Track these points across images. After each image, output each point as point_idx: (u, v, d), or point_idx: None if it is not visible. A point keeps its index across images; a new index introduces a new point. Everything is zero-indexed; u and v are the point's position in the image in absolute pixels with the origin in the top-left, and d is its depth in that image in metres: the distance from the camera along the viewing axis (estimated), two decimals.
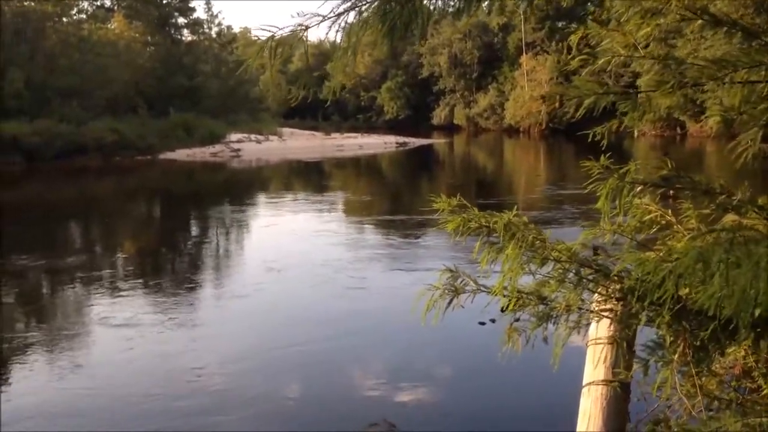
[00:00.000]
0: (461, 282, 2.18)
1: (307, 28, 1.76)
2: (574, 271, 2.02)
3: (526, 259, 1.99)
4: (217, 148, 33.87)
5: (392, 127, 57.66)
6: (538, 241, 2.02)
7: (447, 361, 6.50)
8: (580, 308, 2.08)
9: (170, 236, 13.77)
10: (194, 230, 14.93)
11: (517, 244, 1.98)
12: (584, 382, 2.03)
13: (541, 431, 4.79)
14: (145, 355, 6.68)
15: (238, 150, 34.08)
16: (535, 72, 52.21)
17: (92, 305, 8.67)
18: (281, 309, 8.13)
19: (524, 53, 53.99)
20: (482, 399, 5.57)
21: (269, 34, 1.77)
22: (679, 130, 43.38)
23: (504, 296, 2.05)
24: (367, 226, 14.50)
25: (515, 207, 2.24)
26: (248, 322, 7.72)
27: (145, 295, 8.95)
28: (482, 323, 7.10)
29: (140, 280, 9.80)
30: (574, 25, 44.86)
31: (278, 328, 7.47)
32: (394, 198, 20.10)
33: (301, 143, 38.87)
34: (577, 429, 1.99)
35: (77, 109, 31.45)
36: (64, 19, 35.65)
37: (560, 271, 2.01)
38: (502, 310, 2.23)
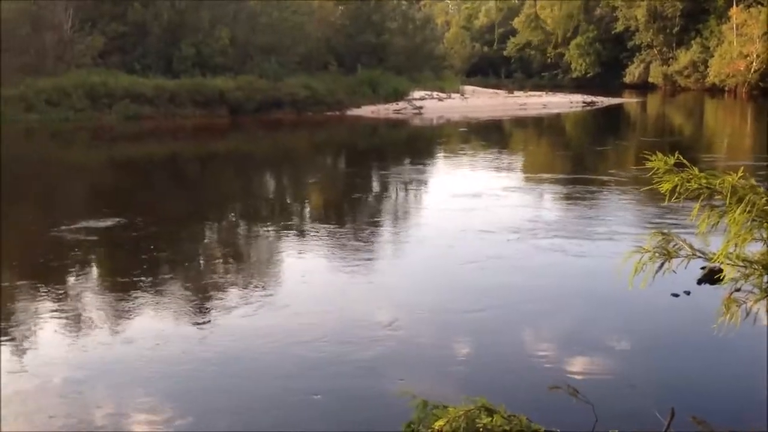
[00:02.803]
0: (674, 246, 2.04)
1: None
2: None
3: (755, 225, 1.81)
4: (400, 105, 34.47)
5: (579, 86, 55.07)
6: None
7: (636, 333, 6.19)
8: None
9: (353, 189, 14.30)
10: (375, 184, 15.40)
11: (745, 208, 1.80)
12: None
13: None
14: (323, 302, 6.98)
15: (420, 107, 34.44)
16: (746, 26, 46.98)
17: (280, 248, 9.31)
18: (457, 269, 8.08)
19: (734, 5, 48.69)
20: (675, 376, 5.25)
21: None
22: None
23: (727, 264, 1.89)
24: (547, 187, 14.07)
25: (740, 169, 2.04)
26: (424, 281, 7.76)
27: (327, 243, 9.35)
28: (675, 295, 6.68)
29: (324, 229, 10.26)
30: None
31: (454, 290, 7.42)
32: (577, 159, 19.28)
33: (482, 101, 38.41)
34: None
35: (275, 66, 33.46)
36: None
37: None
38: (700, 282, 2.06)
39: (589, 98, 40.73)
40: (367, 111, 32.98)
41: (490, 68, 67.72)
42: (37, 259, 8.70)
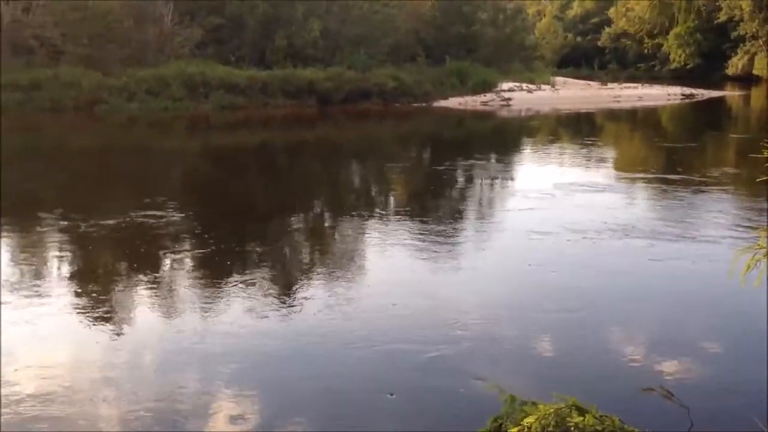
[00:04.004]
0: None
1: None
2: None
3: None
4: (488, 96, 34.06)
5: (678, 77, 52.63)
6: None
7: (732, 335, 5.92)
8: None
9: (436, 181, 14.27)
10: (459, 177, 15.31)
11: None
12: None
13: None
14: (402, 297, 7.00)
15: (509, 99, 33.92)
16: None
17: (362, 240, 9.41)
18: (539, 267, 7.92)
19: None
20: None
21: None
22: None
23: None
24: (638, 184, 13.56)
25: None
26: (504, 279, 7.64)
27: (408, 237, 9.35)
28: None
29: (406, 222, 10.28)
30: None
31: (536, 288, 7.27)
32: (672, 155, 18.47)
33: (574, 93, 37.41)
34: None
35: (363, 57, 33.76)
36: None
37: None
38: None
39: (688, 90, 38.93)
40: (454, 102, 32.78)
41: (583, 59, 65.68)
42: (129, 244, 9.16)
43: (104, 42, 29.68)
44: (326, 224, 10.85)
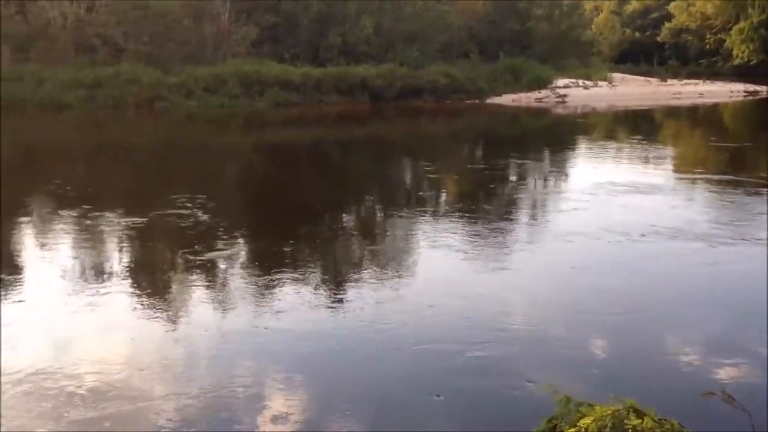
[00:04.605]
0: None
1: None
2: None
3: None
4: (543, 93, 33.60)
5: (741, 74, 50.81)
6: None
7: None
8: None
9: (488, 179, 14.15)
10: (511, 175, 15.16)
11: None
12: None
13: None
14: (450, 296, 6.97)
15: (564, 96, 33.39)
16: None
17: (412, 236, 9.40)
18: (590, 269, 7.79)
19: None
20: None
21: None
22: None
23: None
24: (697, 184, 13.15)
25: None
26: (555, 279, 7.50)
27: (458, 234, 9.32)
28: None
29: (456, 219, 10.25)
30: None
31: (588, 290, 7.13)
32: (734, 154, 17.85)
33: (632, 90, 36.58)
34: None
35: (416, 54, 33.73)
36: None
37: None
38: None
39: (751, 87, 37.59)
40: (507, 99, 32.46)
41: (642, 55, 64.09)
42: (184, 237, 9.39)
43: (164, 40, 30.46)
44: (375, 221, 10.89)
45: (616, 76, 40.04)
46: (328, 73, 30.49)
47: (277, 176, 14.77)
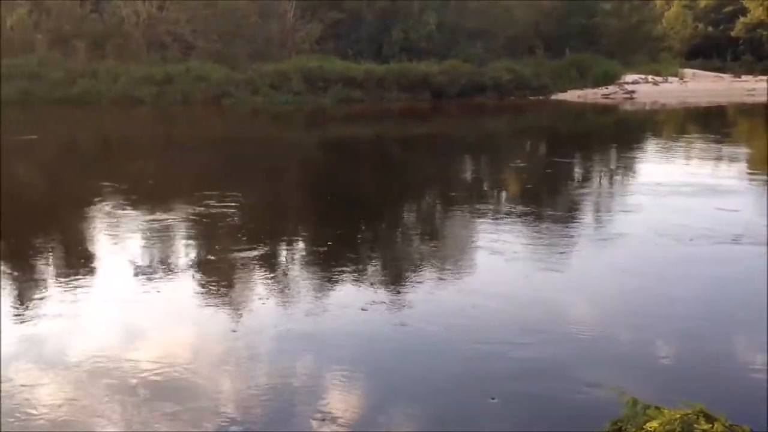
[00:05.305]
0: None
1: None
2: None
3: None
4: (610, 89, 32.85)
5: None
6: None
7: None
8: None
9: (550, 177, 13.91)
10: (575, 173, 14.88)
11: None
12: None
13: None
14: (508, 294, 6.91)
15: (632, 92, 32.55)
16: None
17: (472, 233, 9.28)
18: (654, 271, 7.53)
19: None
20: None
21: None
22: None
23: None
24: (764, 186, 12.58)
25: None
26: (616, 282, 7.32)
27: (517, 233, 9.21)
28: None
29: (515, 217, 10.11)
30: None
31: (650, 293, 6.90)
32: None
33: (703, 86, 35.35)
34: None
35: (480, 50, 33.47)
36: None
37: None
38: None
39: None
40: (573, 96, 31.88)
41: (714, 50, 61.76)
42: (249, 227, 9.61)
43: (232, 38, 31.19)
44: (431, 219, 10.89)
45: (687, 72, 38.78)
46: (390, 69, 30.61)
47: (338, 171, 14.94)
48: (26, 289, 7.01)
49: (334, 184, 13.45)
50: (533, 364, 5.29)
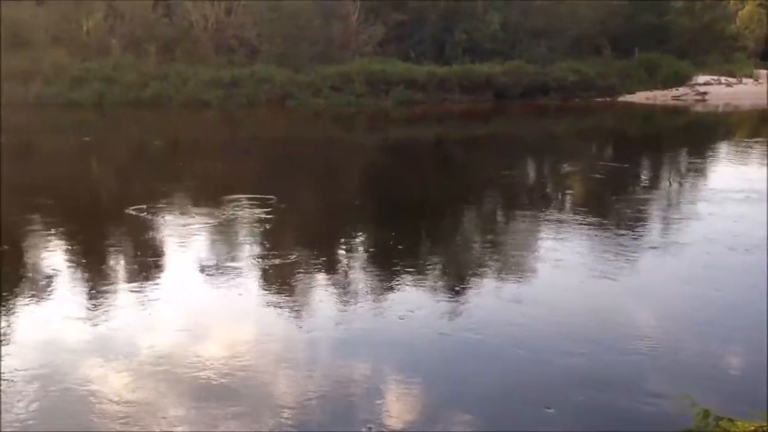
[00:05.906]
0: None
1: None
2: None
3: None
4: (681, 90, 31.80)
5: None
6: None
7: None
8: None
9: (614, 181, 13.48)
10: (641, 177, 14.44)
11: None
12: None
13: None
14: (565, 302, 6.75)
15: (704, 93, 31.42)
16: None
17: (532, 238, 9.17)
18: (721, 280, 7.28)
19: None
20: None
21: None
22: None
23: None
24: None
25: None
26: (679, 291, 7.08)
27: (579, 238, 9.03)
28: None
29: (577, 222, 9.87)
30: None
31: (715, 304, 6.68)
32: None
33: None
34: None
35: (544, 50, 32.91)
36: None
37: None
38: None
39: None
40: (641, 97, 31.00)
41: None
42: (309, 226, 9.71)
43: (296, 40, 31.65)
44: (491, 222, 10.76)
45: (762, 72, 37.16)
46: (452, 71, 30.45)
47: (397, 173, 14.95)
48: (96, 285, 7.28)
49: (394, 186, 13.47)
50: (587, 373, 5.19)
